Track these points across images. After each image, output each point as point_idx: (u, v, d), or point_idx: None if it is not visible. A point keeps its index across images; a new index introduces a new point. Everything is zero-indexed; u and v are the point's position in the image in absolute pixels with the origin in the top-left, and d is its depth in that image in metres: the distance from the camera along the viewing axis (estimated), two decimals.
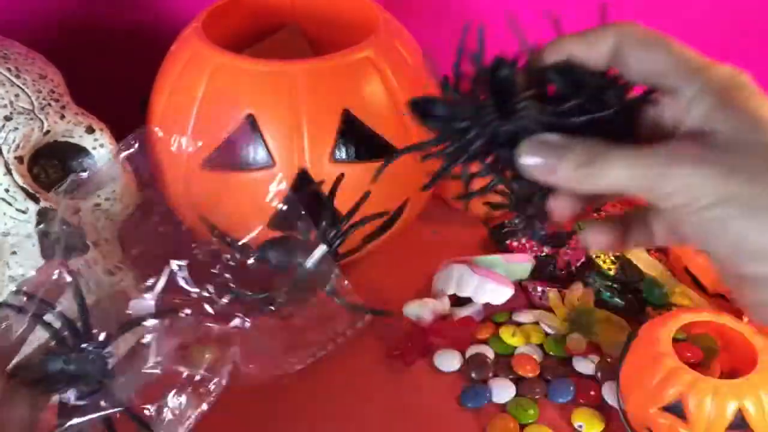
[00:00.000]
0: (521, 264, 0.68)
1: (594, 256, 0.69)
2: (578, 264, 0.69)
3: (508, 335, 0.63)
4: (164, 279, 0.49)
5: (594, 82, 0.32)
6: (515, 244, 0.71)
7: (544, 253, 0.70)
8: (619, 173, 0.29)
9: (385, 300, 0.67)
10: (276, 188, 0.55)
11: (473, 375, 0.60)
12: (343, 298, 0.55)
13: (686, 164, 0.28)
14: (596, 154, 0.29)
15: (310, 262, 0.53)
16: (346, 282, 0.56)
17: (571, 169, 0.30)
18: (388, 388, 0.60)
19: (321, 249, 0.53)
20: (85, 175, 0.56)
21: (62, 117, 0.55)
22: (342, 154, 0.59)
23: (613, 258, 0.69)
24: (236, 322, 0.51)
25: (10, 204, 0.51)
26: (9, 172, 0.51)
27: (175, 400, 0.46)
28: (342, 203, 0.60)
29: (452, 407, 0.58)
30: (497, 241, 0.73)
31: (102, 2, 0.76)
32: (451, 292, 0.65)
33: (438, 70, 0.34)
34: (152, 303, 0.47)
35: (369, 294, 0.69)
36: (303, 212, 0.55)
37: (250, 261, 0.55)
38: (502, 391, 0.58)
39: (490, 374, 0.60)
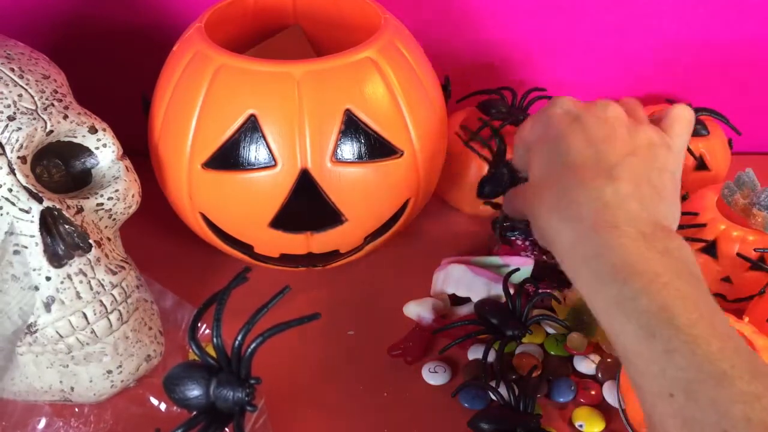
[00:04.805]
0: (521, 266, 0.68)
1: None
2: None
3: None
4: None
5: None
6: (518, 242, 0.71)
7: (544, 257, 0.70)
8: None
9: (385, 300, 0.68)
10: None
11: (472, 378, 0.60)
12: None
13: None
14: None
15: None
16: None
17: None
18: (389, 388, 0.60)
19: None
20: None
21: (65, 117, 0.55)
22: (344, 154, 0.59)
23: None
24: None
25: (13, 204, 0.51)
26: (12, 171, 0.52)
27: None
28: (343, 204, 0.61)
29: (453, 407, 0.58)
30: (501, 235, 0.72)
31: (105, 3, 0.76)
32: (450, 291, 0.65)
33: None
34: None
35: (369, 294, 0.69)
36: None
37: None
38: (502, 390, 0.58)
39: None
